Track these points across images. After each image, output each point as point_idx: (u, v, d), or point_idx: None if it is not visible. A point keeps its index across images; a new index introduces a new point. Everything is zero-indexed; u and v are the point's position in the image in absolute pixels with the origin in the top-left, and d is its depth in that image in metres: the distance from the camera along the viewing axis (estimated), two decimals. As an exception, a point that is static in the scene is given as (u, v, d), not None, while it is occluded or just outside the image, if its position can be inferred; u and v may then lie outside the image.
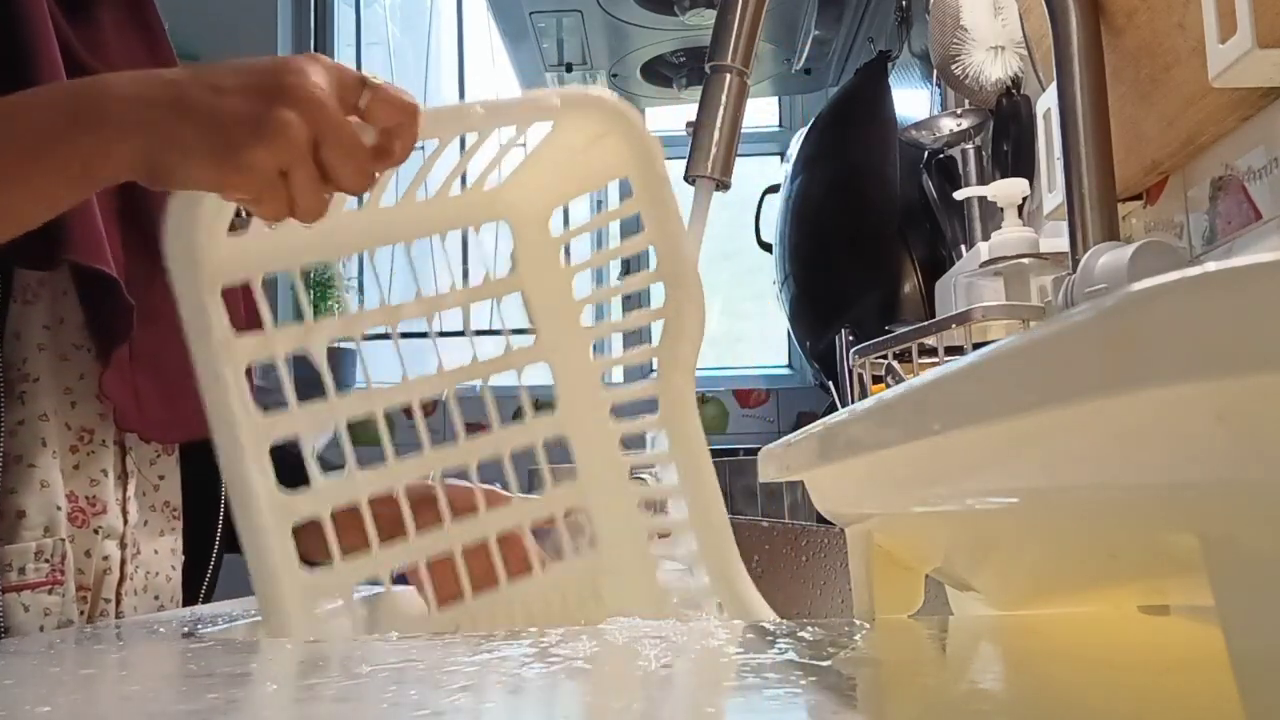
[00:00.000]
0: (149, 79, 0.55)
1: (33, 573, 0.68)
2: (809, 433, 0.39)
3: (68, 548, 0.70)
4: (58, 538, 0.70)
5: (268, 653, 0.43)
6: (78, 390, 0.74)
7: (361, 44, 2.84)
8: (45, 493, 0.70)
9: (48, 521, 0.69)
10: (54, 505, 0.70)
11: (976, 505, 0.31)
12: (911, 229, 1.52)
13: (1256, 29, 0.62)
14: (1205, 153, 0.79)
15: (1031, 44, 1.03)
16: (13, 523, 0.68)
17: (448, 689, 0.32)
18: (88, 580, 0.72)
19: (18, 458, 0.68)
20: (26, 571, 0.68)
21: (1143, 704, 0.29)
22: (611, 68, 2.22)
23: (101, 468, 0.74)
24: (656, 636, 0.42)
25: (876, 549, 0.45)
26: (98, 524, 0.73)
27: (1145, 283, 0.16)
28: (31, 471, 0.69)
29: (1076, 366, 0.17)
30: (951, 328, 0.87)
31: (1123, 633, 0.41)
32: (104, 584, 0.73)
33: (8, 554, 0.67)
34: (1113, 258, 0.71)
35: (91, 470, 0.73)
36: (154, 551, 0.79)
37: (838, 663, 0.35)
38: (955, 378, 0.23)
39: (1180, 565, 0.26)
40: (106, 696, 0.35)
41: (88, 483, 0.73)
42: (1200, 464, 0.18)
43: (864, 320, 1.49)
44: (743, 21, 0.77)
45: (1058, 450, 0.22)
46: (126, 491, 0.76)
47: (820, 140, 1.72)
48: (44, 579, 0.69)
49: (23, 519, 0.68)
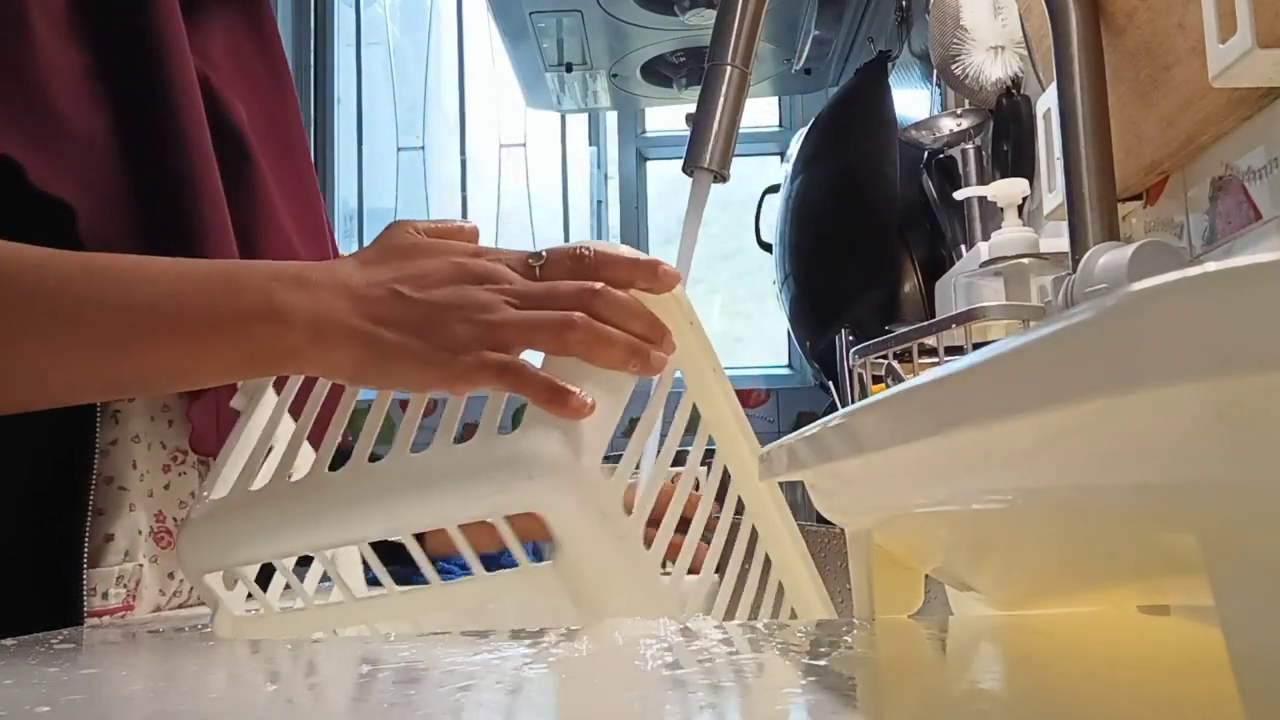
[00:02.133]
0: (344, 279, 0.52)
1: (113, 598, 0.67)
2: (809, 433, 0.39)
3: (143, 572, 0.69)
4: (136, 563, 0.69)
5: (268, 653, 0.43)
6: (175, 409, 0.73)
7: (361, 44, 2.84)
8: (132, 516, 0.69)
9: (129, 545, 0.68)
10: (136, 529, 0.69)
11: (976, 505, 0.31)
12: (911, 229, 1.52)
13: (1256, 29, 0.62)
14: (1205, 153, 0.79)
15: (1031, 44, 1.03)
16: (100, 546, 0.66)
17: (448, 689, 0.32)
18: (163, 601, 0.72)
19: (109, 479, 0.67)
20: (109, 597, 0.67)
21: (1143, 704, 0.29)
22: (611, 68, 2.22)
23: (190, 489, 0.73)
24: (655, 636, 0.42)
25: (876, 549, 0.45)
26: None
27: (1145, 283, 0.16)
28: (122, 495, 0.68)
29: (1076, 366, 0.17)
30: (951, 328, 0.87)
31: (1123, 633, 0.41)
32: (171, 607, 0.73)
33: (93, 578, 0.66)
34: (1113, 258, 0.71)
35: (181, 491, 0.73)
36: None
37: (837, 662, 0.35)
38: (955, 378, 0.23)
39: (1180, 565, 0.26)
40: (106, 696, 0.35)
41: (177, 504, 0.72)
42: (1200, 464, 0.18)
43: (864, 320, 1.49)
44: (743, 21, 0.77)
45: (1057, 450, 0.22)
46: None
47: (820, 140, 1.72)
48: (120, 605, 0.68)
49: (110, 542, 0.67)
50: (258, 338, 0.51)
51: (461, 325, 0.50)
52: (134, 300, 0.52)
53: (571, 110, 2.57)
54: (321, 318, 0.51)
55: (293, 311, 0.51)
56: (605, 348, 0.51)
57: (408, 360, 0.50)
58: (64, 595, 0.64)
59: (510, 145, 2.82)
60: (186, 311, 0.52)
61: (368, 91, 2.84)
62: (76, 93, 0.65)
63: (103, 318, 0.52)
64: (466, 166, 2.80)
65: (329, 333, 0.51)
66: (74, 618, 0.64)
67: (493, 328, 0.50)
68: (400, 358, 0.50)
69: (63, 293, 0.52)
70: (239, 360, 0.53)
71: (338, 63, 2.81)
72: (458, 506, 0.47)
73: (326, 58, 2.78)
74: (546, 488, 0.46)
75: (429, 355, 0.50)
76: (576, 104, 2.45)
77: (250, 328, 0.51)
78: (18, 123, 0.61)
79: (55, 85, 0.63)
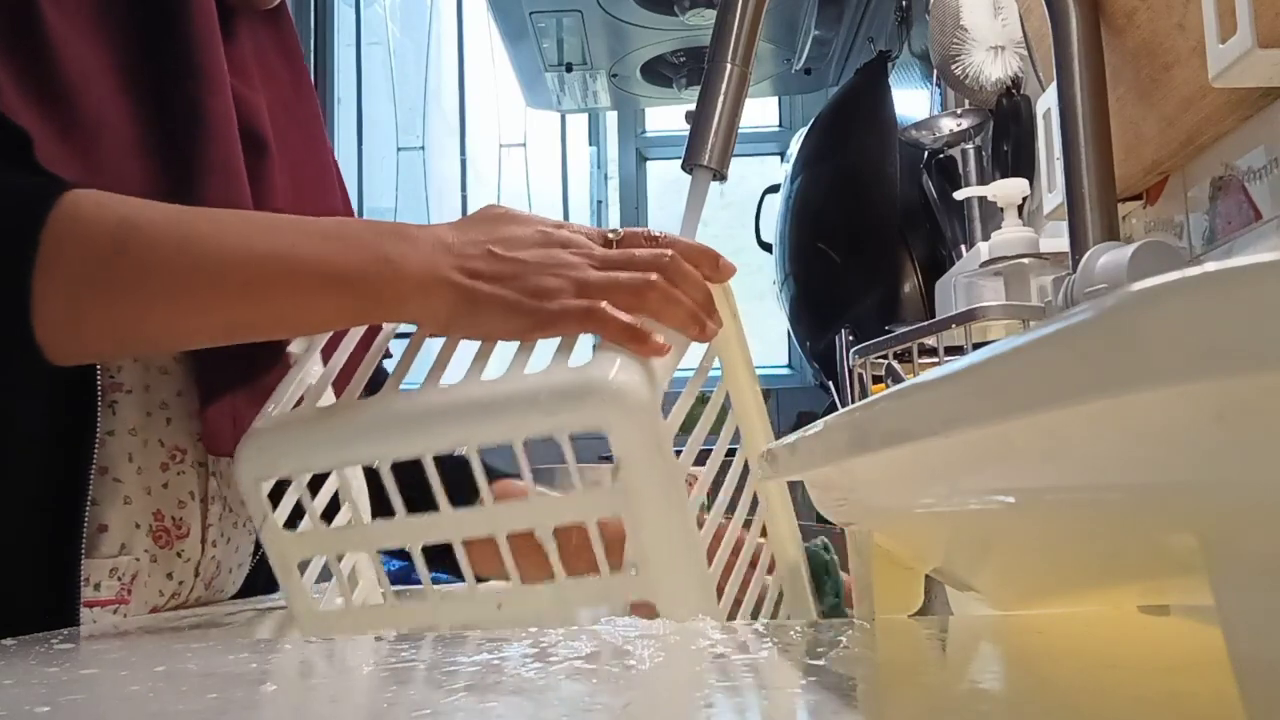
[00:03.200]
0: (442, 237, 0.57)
1: (105, 590, 0.67)
2: (808, 433, 0.39)
3: (140, 568, 0.69)
4: (133, 556, 0.68)
5: (268, 652, 0.43)
6: (174, 407, 0.72)
7: (361, 44, 2.84)
8: (127, 509, 0.68)
9: (126, 539, 0.68)
10: (134, 523, 0.69)
11: (976, 505, 0.31)
12: (911, 229, 1.52)
13: (1256, 29, 0.62)
14: (1205, 153, 0.79)
15: (1031, 44, 1.03)
16: (94, 536, 0.66)
17: (448, 689, 0.32)
18: (162, 602, 0.71)
19: (104, 469, 0.67)
20: (101, 588, 0.67)
21: (1143, 704, 0.29)
22: (611, 68, 2.22)
23: (189, 489, 0.73)
24: (655, 637, 0.42)
25: (876, 549, 0.45)
26: (180, 547, 0.72)
27: (1145, 283, 0.16)
28: (117, 486, 0.68)
29: (1076, 366, 0.17)
30: (951, 328, 0.87)
31: (1123, 633, 0.41)
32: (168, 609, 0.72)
33: (87, 568, 0.66)
34: (1113, 258, 0.71)
35: (180, 491, 0.72)
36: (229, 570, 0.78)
37: (837, 662, 0.35)
38: (955, 378, 0.23)
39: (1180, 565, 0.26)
40: (106, 696, 0.35)
41: (176, 504, 0.72)
42: (1200, 464, 0.18)
43: (864, 320, 1.49)
44: (743, 21, 0.77)
45: (1058, 450, 0.22)
46: (207, 519, 0.75)
47: (820, 140, 1.72)
48: (113, 597, 0.67)
49: (104, 533, 0.67)
50: (369, 291, 0.56)
51: (549, 278, 0.56)
52: (256, 251, 0.56)
53: (571, 110, 2.57)
54: (425, 271, 0.56)
55: (402, 264, 0.56)
56: (674, 309, 0.57)
57: (498, 309, 0.55)
58: (62, 583, 0.64)
59: (510, 145, 2.82)
60: (305, 263, 0.56)
61: (368, 91, 2.84)
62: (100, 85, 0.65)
63: (226, 267, 0.56)
64: (466, 166, 2.80)
65: (431, 285, 0.56)
66: (71, 607, 0.64)
67: (577, 283, 0.56)
68: (492, 307, 0.55)
69: (189, 241, 0.56)
70: (348, 311, 0.57)
71: (338, 63, 2.81)
72: (531, 420, 0.51)
73: (326, 58, 2.78)
74: (617, 409, 0.50)
75: (518, 304, 0.55)
76: (576, 104, 2.45)
77: (364, 281, 0.56)
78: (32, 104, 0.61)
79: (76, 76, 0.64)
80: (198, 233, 0.56)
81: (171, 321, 0.57)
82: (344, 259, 0.56)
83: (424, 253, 0.56)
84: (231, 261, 0.56)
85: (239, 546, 0.79)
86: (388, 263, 0.56)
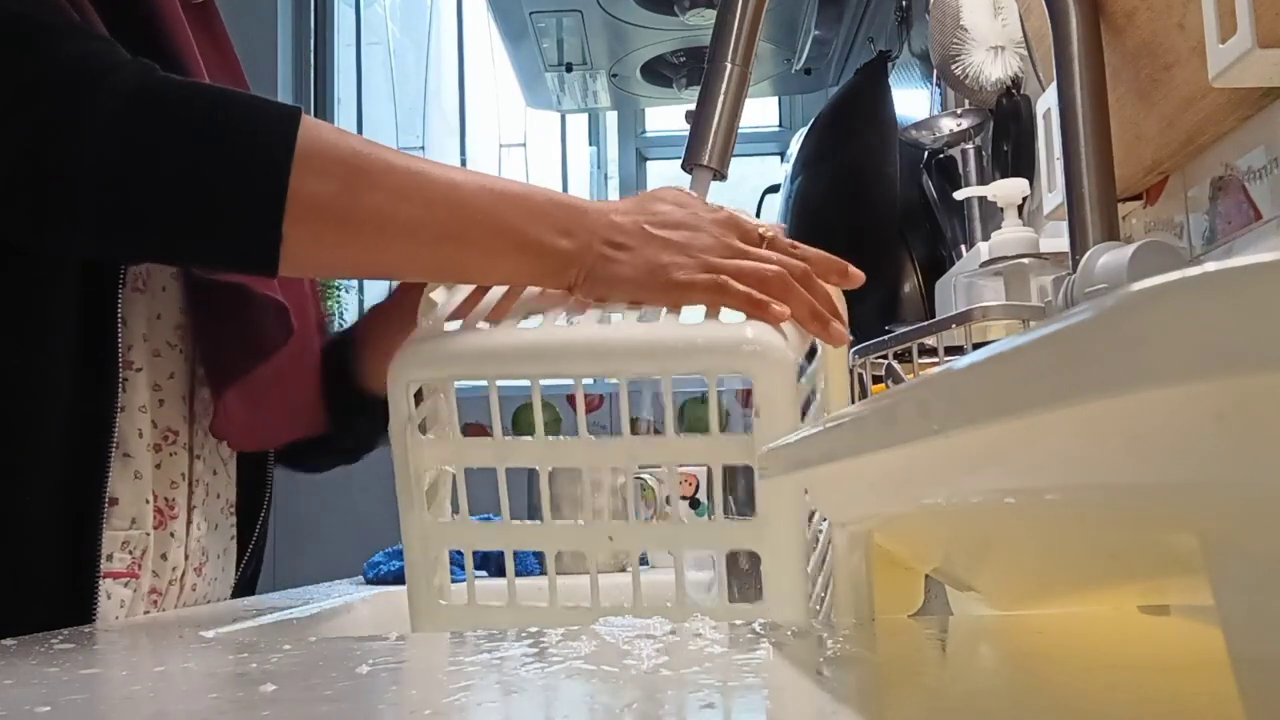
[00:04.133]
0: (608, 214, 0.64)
1: (118, 562, 0.68)
2: (809, 433, 0.39)
3: (149, 543, 0.70)
4: (143, 531, 0.69)
5: (268, 653, 0.43)
6: (166, 389, 0.73)
7: (361, 44, 2.84)
8: (138, 484, 0.69)
9: (136, 514, 0.69)
10: (143, 498, 0.70)
11: (976, 505, 0.31)
12: (911, 229, 1.52)
13: (1256, 29, 0.62)
14: (1205, 153, 0.79)
15: (1031, 44, 1.03)
16: (108, 509, 0.67)
17: (448, 689, 0.32)
18: (161, 584, 0.72)
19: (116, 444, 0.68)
20: (114, 559, 0.68)
21: (1143, 704, 0.29)
22: (611, 68, 2.22)
23: (180, 471, 0.74)
24: (655, 637, 0.42)
25: (876, 549, 0.45)
26: (172, 528, 0.72)
27: (1145, 283, 0.16)
28: (127, 461, 0.69)
29: (1076, 366, 0.17)
30: (951, 328, 0.87)
31: (1123, 633, 0.41)
32: (169, 594, 0.73)
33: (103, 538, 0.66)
34: (1113, 258, 0.71)
35: (171, 472, 0.73)
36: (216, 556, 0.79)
37: (837, 663, 0.35)
38: (955, 377, 0.23)
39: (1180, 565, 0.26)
40: (106, 696, 0.35)
41: (168, 484, 0.73)
42: (1200, 464, 0.18)
43: (864, 320, 1.48)
44: (743, 21, 0.76)
45: (1057, 450, 0.22)
46: (191, 500, 0.75)
47: (820, 140, 1.72)
48: (124, 569, 0.68)
49: (115, 506, 0.68)
50: (545, 256, 0.63)
51: (684, 258, 0.62)
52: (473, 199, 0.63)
53: (571, 110, 2.57)
54: (583, 243, 0.63)
55: (572, 235, 0.63)
56: (797, 301, 0.61)
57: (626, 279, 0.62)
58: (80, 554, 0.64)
59: (510, 145, 2.82)
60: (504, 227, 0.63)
61: (368, 91, 2.84)
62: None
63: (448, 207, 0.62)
64: (466, 166, 2.80)
65: (584, 252, 0.63)
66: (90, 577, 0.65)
67: (708, 265, 0.62)
68: (622, 275, 0.62)
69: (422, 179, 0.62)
70: (523, 272, 0.64)
71: (338, 63, 2.81)
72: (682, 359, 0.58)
73: (326, 58, 2.78)
74: (763, 361, 0.57)
75: (639, 278, 0.62)
76: (576, 104, 2.45)
77: (542, 250, 0.63)
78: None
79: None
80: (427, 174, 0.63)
81: (394, 248, 0.63)
82: (533, 229, 0.63)
83: (587, 228, 0.63)
84: (453, 206, 0.62)
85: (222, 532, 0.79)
86: (565, 234, 0.63)
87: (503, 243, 0.63)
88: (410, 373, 0.60)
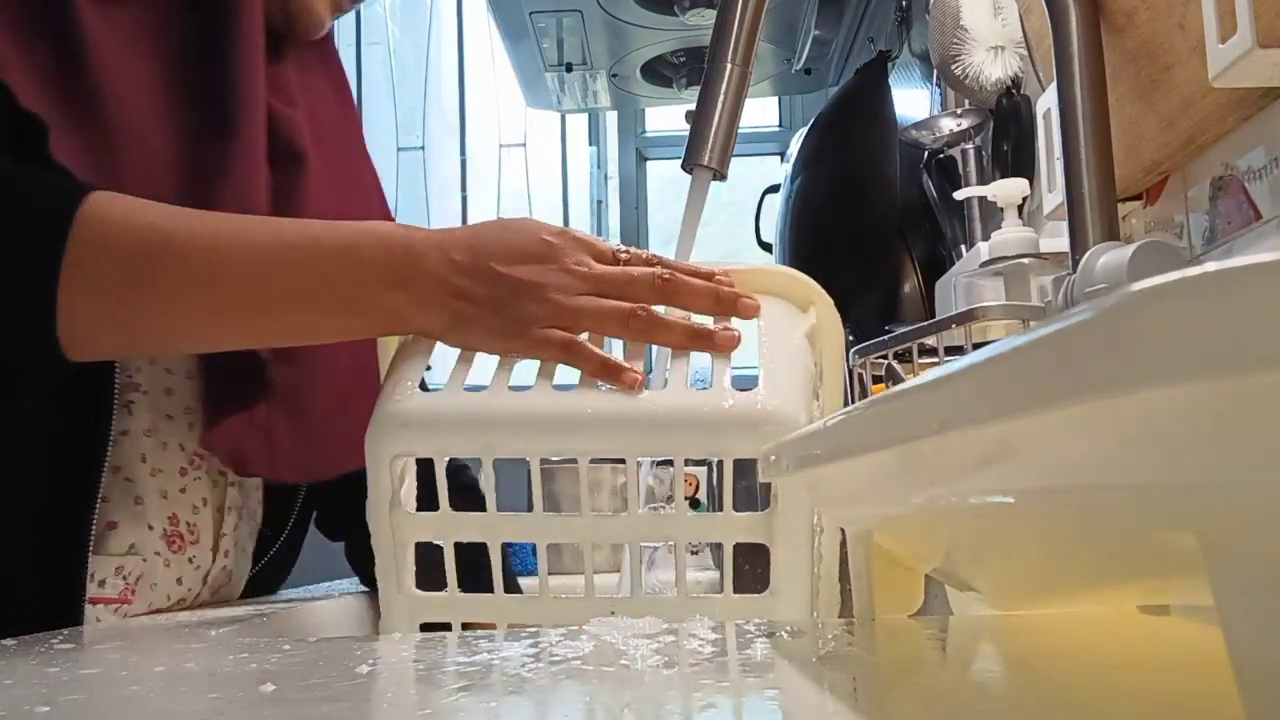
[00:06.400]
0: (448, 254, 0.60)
1: (110, 588, 0.67)
2: (809, 433, 0.39)
3: (147, 569, 0.69)
4: (140, 557, 0.68)
5: (268, 652, 0.43)
6: (198, 413, 0.72)
7: (361, 44, 2.84)
8: (138, 509, 0.68)
9: (136, 539, 0.68)
10: (146, 524, 0.69)
11: (976, 505, 0.31)
12: (911, 229, 1.52)
13: (1256, 29, 0.62)
14: (1205, 153, 0.79)
15: (1031, 44, 1.03)
16: (103, 533, 0.66)
17: (448, 689, 0.32)
18: (167, 606, 0.71)
19: (116, 468, 0.67)
20: (106, 585, 0.67)
21: (1143, 704, 0.29)
22: (611, 68, 2.22)
23: (203, 496, 0.73)
24: (655, 636, 0.42)
25: (876, 549, 0.45)
26: (191, 553, 0.72)
27: (1145, 283, 0.16)
28: (128, 486, 0.68)
29: (1077, 366, 0.17)
30: (951, 328, 0.87)
31: (1123, 633, 0.41)
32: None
33: (92, 563, 0.65)
34: (1113, 258, 0.71)
35: (195, 497, 0.72)
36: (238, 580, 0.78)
37: (837, 662, 0.35)
38: (955, 378, 0.23)
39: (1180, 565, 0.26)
40: (106, 696, 0.35)
41: (190, 509, 0.72)
42: (1200, 464, 0.18)
43: (864, 320, 1.49)
44: (743, 21, 0.76)
45: (1057, 450, 0.22)
46: (222, 528, 0.74)
47: (820, 140, 1.72)
48: (115, 596, 0.67)
49: (112, 530, 0.67)
50: (377, 308, 0.60)
51: (536, 305, 0.59)
52: (279, 266, 0.59)
53: (571, 110, 2.56)
54: (424, 292, 0.60)
55: (407, 286, 0.59)
56: (665, 333, 0.59)
57: (482, 331, 0.60)
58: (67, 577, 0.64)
59: (510, 145, 2.82)
60: (320, 283, 0.60)
61: (368, 91, 2.84)
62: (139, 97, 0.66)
63: (249, 281, 0.59)
64: (466, 166, 2.80)
65: (428, 303, 0.60)
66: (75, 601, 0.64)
67: (565, 311, 0.59)
68: (477, 328, 0.60)
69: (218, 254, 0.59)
70: (358, 326, 0.62)
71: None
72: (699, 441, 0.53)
73: (326, 58, 2.77)
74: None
75: (502, 329, 0.59)
76: (576, 104, 2.44)
77: (373, 300, 0.60)
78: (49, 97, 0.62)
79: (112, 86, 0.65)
80: (225, 248, 0.59)
81: (192, 330, 0.60)
82: (354, 286, 0.59)
83: (425, 273, 0.59)
84: (254, 279, 0.59)
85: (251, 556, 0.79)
86: (395, 285, 0.59)
87: (320, 305, 0.60)
88: (395, 445, 0.56)
